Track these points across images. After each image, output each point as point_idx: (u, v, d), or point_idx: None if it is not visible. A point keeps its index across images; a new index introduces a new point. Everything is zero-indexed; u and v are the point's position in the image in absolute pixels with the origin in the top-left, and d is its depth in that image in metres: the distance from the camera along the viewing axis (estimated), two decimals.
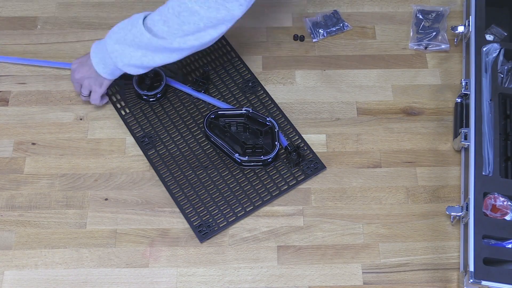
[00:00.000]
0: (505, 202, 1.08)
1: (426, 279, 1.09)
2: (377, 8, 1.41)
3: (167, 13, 1.06)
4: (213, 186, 1.17)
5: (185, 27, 1.06)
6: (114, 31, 1.11)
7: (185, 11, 1.04)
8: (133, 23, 1.09)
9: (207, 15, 1.04)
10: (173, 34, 1.07)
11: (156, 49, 1.08)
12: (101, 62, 1.14)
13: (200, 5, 1.03)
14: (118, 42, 1.10)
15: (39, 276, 1.08)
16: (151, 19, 1.08)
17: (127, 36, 1.09)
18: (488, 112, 1.17)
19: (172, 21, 1.06)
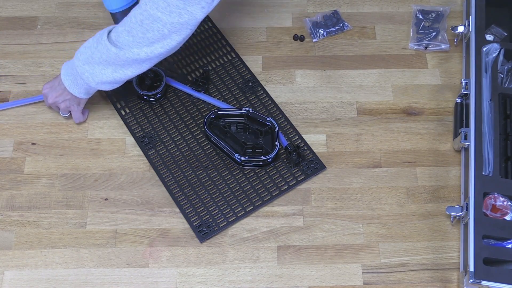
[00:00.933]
0: (505, 202, 1.08)
1: (426, 279, 1.09)
2: (377, 8, 1.41)
3: (130, 22, 1.05)
4: (213, 186, 1.17)
5: (149, 35, 1.04)
6: (81, 51, 1.10)
7: (147, 19, 1.03)
8: (98, 40, 1.08)
9: (170, 20, 1.02)
10: (138, 43, 1.05)
11: (125, 62, 1.07)
12: (73, 84, 1.13)
13: (161, 11, 1.02)
14: (87, 62, 1.09)
15: (39, 276, 1.08)
16: (115, 31, 1.07)
17: (94, 54, 1.08)
18: (488, 112, 1.17)
19: (136, 30, 1.04)
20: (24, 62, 1.32)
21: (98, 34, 1.09)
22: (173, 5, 1.01)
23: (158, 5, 1.01)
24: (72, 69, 1.12)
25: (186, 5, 1.02)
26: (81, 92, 1.14)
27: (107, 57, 1.07)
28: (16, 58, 1.32)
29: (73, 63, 1.12)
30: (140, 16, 1.03)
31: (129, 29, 1.05)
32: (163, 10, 1.02)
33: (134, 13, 1.04)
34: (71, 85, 1.13)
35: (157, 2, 1.01)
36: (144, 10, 1.03)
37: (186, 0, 1.01)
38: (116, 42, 1.06)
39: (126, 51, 1.05)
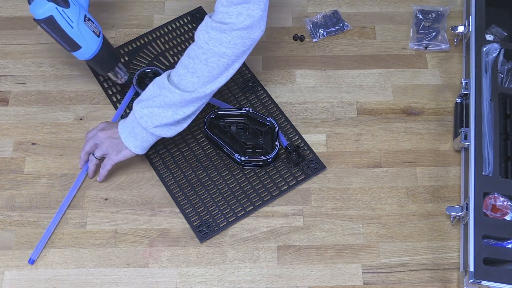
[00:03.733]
0: (505, 202, 1.08)
1: (426, 279, 1.09)
2: (377, 8, 1.41)
3: (194, 64, 1.03)
4: (213, 186, 1.17)
5: (215, 72, 1.04)
6: (141, 99, 1.07)
7: (212, 57, 1.02)
8: (159, 86, 1.05)
9: (235, 52, 1.03)
10: (203, 82, 1.04)
11: (188, 102, 1.05)
12: (130, 135, 1.08)
13: (226, 46, 1.01)
14: (147, 106, 1.05)
15: (39, 276, 1.08)
16: (177, 75, 1.05)
17: (156, 99, 1.05)
18: (488, 112, 1.17)
19: (201, 70, 1.03)
20: (24, 62, 1.32)
21: (156, 81, 1.06)
22: (237, 37, 1.01)
23: (222, 41, 1.01)
24: (130, 118, 1.08)
25: (249, 33, 1.02)
26: (136, 145, 1.09)
27: (170, 100, 1.04)
28: (16, 58, 1.32)
29: (131, 113, 1.08)
30: (204, 55, 1.02)
31: (193, 70, 1.03)
32: (228, 45, 1.01)
33: (195, 54, 1.03)
34: (128, 137, 1.09)
35: (220, 39, 1.01)
36: (207, 49, 1.01)
37: (248, 29, 1.01)
38: (179, 85, 1.04)
39: (192, 92, 1.04)
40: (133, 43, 1.34)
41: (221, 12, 1.00)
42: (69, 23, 1.09)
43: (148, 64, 1.31)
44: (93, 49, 1.14)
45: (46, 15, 1.07)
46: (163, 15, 1.39)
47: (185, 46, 1.33)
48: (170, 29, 1.36)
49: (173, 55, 1.32)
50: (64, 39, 1.11)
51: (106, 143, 1.11)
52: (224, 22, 1.00)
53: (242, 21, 1.00)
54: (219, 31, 1.00)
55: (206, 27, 1.01)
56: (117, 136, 1.10)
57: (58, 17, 1.08)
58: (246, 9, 0.99)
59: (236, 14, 0.99)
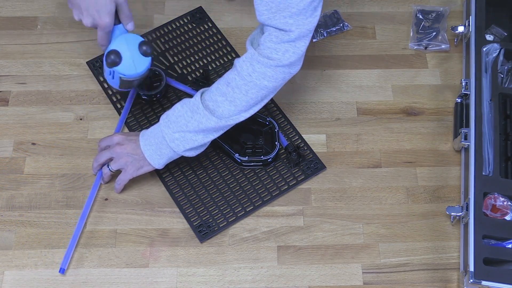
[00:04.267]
0: (505, 202, 1.08)
1: (426, 279, 1.09)
2: (377, 8, 1.41)
3: (233, 93, 1.03)
4: (213, 186, 1.17)
5: (252, 102, 1.05)
6: (171, 120, 1.05)
7: (253, 89, 1.03)
8: (192, 109, 1.05)
9: (275, 85, 1.04)
10: (239, 111, 1.05)
11: (221, 128, 1.06)
12: (156, 153, 1.07)
13: (269, 80, 1.03)
14: (179, 131, 1.05)
15: (39, 276, 1.08)
16: (213, 101, 1.04)
17: (190, 123, 1.04)
18: (488, 112, 1.17)
19: (240, 100, 1.04)
20: (24, 62, 1.32)
21: (189, 102, 1.06)
22: (280, 72, 1.03)
23: (265, 75, 1.02)
24: (157, 138, 1.07)
25: (291, 69, 1.04)
26: (160, 163, 1.08)
27: (205, 126, 1.04)
28: (16, 58, 1.32)
29: (158, 132, 1.07)
30: (245, 87, 1.03)
31: (232, 99, 1.03)
32: (270, 79, 1.03)
33: (236, 84, 1.03)
34: (153, 155, 1.08)
35: (264, 73, 1.02)
36: (250, 81, 1.02)
37: (291, 65, 1.03)
38: (215, 112, 1.04)
39: (227, 119, 1.05)
40: None
41: (269, 48, 1.01)
42: None
43: None
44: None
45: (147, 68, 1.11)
46: (163, 15, 1.39)
47: (185, 46, 1.33)
48: (170, 29, 1.36)
49: (173, 55, 1.32)
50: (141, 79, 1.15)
51: (125, 159, 1.10)
52: (271, 57, 1.01)
53: (288, 58, 1.02)
54: (265, 65, 1.01)
55: (251, 59, 1.02)
56: (138, 153, 1.09)
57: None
58: (293, 47, 1.01)
59: (283, 51, 1.01)
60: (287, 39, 1.00)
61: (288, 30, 0.99)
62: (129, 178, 1.12)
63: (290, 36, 1.00)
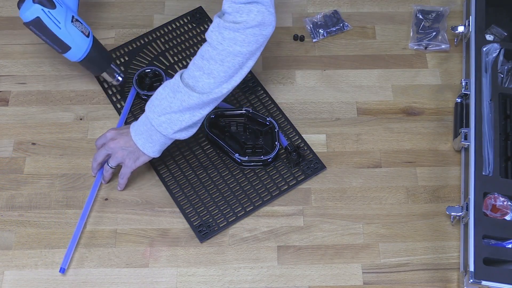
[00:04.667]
0: (505, 202, 1.08)
1: (426, 279, 1.09)
2: (377, 8, 1.41)
3: (209, 65, 1.03)
4: (213, 186, 1.17)
5: (230, 71, 1.04)
6: (154, 104, 1.05)
7: (227, 57, 1.02)
8: (173, 89, 1.04)
9: (249, 49, 1.03)
10: (219, 83, 1.04)
11: (205, 104, 1.05)
12: (147, 141, 1.07)
13: (240, 44, 1.02)
14: (164, 113, 1.04)
15: (39, 276, 1.08)
16: (191, 77, 1.04)
17: (173, 104, 1.03)
18: (488, 112, 1.17)
19: (217, 71, 1.03)
20: (24, 62, 1.32)
21: (169, 83, 1.05)
22: (250, 35, 1.02)
23: (236, 40, 1.01)
24: (145, 125, 1.07)
25: (261, 30, 1.03)
26: (155, 150, 1.08)
27: (188, 103, 1.03)
28: (16, 58, 1.32)
29: (145, 120, 1.07)
30: (219, 56, 1.02)
31: (209, 72, 1.03)
32: (242, 43, 1.02)
33: (209, 55, 1.02)
34: (145, 144, 1.07)
35: (234, 38, 1.01)
36: (222, 49, 1.01)
37: (261, 26, 1.02)
38: (195, 88, 1.04)
39: (208, 94, 1.04)
40: (133, 43, 1.34)
41: (232, 12, 1.01)
42: (56, 24, 1.11)
43: (148, 64, 1.31)
44: (83, 49, 1.16)
45: (33, 17, 1.09)
46: (163, 15, 1.39)
47: (185, 46, 1.33)
48: (170, 29, 1.36)
49: (173, 55, 1.32)
50: (53, 40, 1.13)
51: (120, 153, 1.10)
52: (236, 21, 1.00)
53: (254, 18, 1.00)
54: (233, 30, 1.01)
55: (219, 27, 1.01)
56: (131, 145, 1.09)
57: (45, 18, 1.10)
58: (255, 6, 1.00)
59: (247, 12, 1.00)
60: (246, 1, 1.00)
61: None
62: (130, 171, 1.11)
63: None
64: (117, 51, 1.32)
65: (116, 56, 1.32)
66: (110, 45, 1.34)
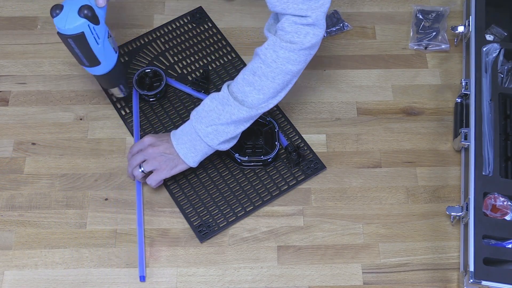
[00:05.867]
0: (505, 202, 1.08)
1: (426, 279, 1.09)
2: (377, 8, 1.41)
3: (260, 81, 1.04)
4: (213, 186, 1.17)
5: (279, 88, 1.06)
6: (202, 115, 1.06)
7: (279, 75, 1.04)
8: (221, 102, 1.05)
9: (299, 68, 1.06)
10: (268, 98, 1.06)
11: (252, 117, 1.07)
12: (190, 151, 1.08)
13: (293, 63, 1.04)
14: (211, 124, 1.05)
15: (39, 276, 1.08)
16: (241, 92, 1.05)
17: (222, 116, 1.05)
18: (488, 112, 1.17)
19: (268, 88, 1.05)
20: (24, 62, 1.32)
21: (217, 96, 1.06)
22: (302, 55, 1.04)
23: (289, 60, 1.03)
24: (190, 135, 1.07)
25: (312, 51, 1.06)
26: (195, 160, 1.09)
27: (237, 117, 1.05)
28: (16, 58, 1.32)
29: (190, 129, 1.07)
30: (271, 73, 1.04)
31: (260, 88, 1.05)
32: (294, 63, 1.04)
33: (262, 72, 1.04)
34: (187, 153, 1.08)
35: (288, 57, 1.03)
36: (275, 68, 1.03)
37: (313, 47, 1.05)
38: (244, 102, 1.06)
39: (257, 108, 1.06)
40: (133, 43, 1.34)
41: (290, 32, 1.02)
42: (96, 40, 1.06)
43: (148, 64, 1.31)
44: (111, 65, 1.13)
45: (77, 31, 1.03)
46: (163, 15, 1.39)
47: (185, 46, 1.33)
48: (170, 29, 1.36)
49: (173, 55, 1.32)
50: (87, 55, 1.08)
51: (159, 159, 1.09)
52: (293, 41, 1.03)
53: (310, 40, 1.03)
54: (288, 50, 1.03)
55: (274, 46, 1.03)
56: (172, 152, 1.09)
57: (88, 34, 1.04)
58: (312, 29, 1.03)
59: (304, 34, 1.02)
60: (305, 23, 1.02)
61: (304, 16, 1.01)
62: (164, 178, 1.11)
63: (308, 20, 1.01)
64: None
65: None
66: None
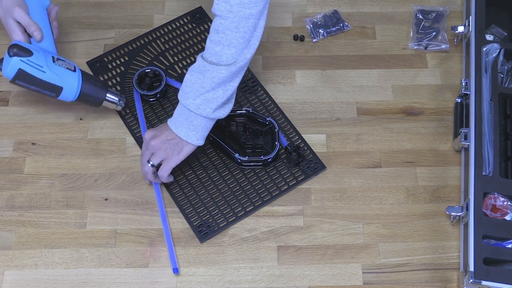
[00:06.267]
0: (505, 202, 1.08)
1: (426, 279, 1.09)
2: (377, 8, 1.41)
3: (225, 36, 1.03)
4: (213, 186, 1.17)
5: (247, 35, 1.04)
6: (186, 91, 1.05)
7: (240, 22, 1.02)
8: (200, 71, 1.05)
9: (257, 9, 1.03)
10: (241, 50, 1.04)
11: (234, 74, 1.06)
12: (190, 130, 1.07)
13: (249, 6, 1.01)
14: (198, 95, 1.04)
15: (39, 276, 1.08)
16: (213, 54, 1.04)
17: (204, 84, 1.04)
18: (488, 112, 1.17)
19: (236, 38, 1.03)
20: None
21: (193, 67, 1.06)
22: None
23: (243, 4, 1.01)
24: (183, 115, 1.06)
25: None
26: (199, 137, 1.08)
27: (218, 78, 1.03)
28: None
29: (181, 109, 1.06)
30: (233, 24, 1.02)
31: (228, 42, 1.03)
32: (250, 5, 1.02)
33: (224, 27, 1.02)
34: (188, 133, 1.07)
35: (241, 2, 1.01)
36: (233, 17, 1.01)
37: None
38: (220, 61, 1.04)
39: (235, 63, 1.04)
40: (133, 43, 1.34)
41: None
42: (39, 69, 1.10)
43: (148, 64, 1.31)
44: (75, 85, 1.14)
45: (15, 70, 1.09)
46: (163, 15, 1.39)
47: (185, 46, 1.33)
48: (170, 29, 1.36)
49: (173, 55, 1.32)
50: (43, 86, 1.12)
51: (163, 148, 1.09)
52: None
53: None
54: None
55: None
56: (173, 137, 1.08)
57: (26, 68, 1.09)
58: None
59: None
60: None
61: None
62: (174, 164, 1.10)
63: None
64: (117, 51, 1.33)
65: (116, 56, 1.32)
66: (110, 45, 1.34)
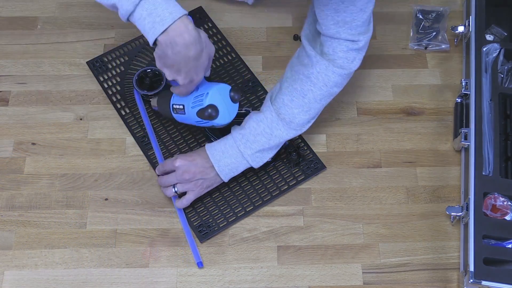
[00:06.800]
0: (505, 202, 1.08)
1: (426, 279, 1.09)
2: (377, 8, 1.39)
3: (309, 104, 1.09)
4: None
5: (322, 108, 1.12)
6: (250, 140, 1.08)
7: (327, 97, 1.11)
8: (271, 126, 1.08)
9: (340, 90, 1.12)
10: (312, 118, 1.12)
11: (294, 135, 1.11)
12: (232, 172, 1.10)
13: (338, 87, 1.10)
14: (260, 150, 1.09)
15: (39, 276, 1.08)
16: (289, 113, 1.09)
17: (271, 141, 1.08)
18: (488, 112, 1.17)
19: (314, 109, 1.10)
20: (24, 62, 1.32)
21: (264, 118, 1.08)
22: (347, 79, 1.11)
23: (337, 84, 1.10)
24: (235, 158, 1.08)
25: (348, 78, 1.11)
26: (231, 177, 1.11)
27: (285, 139, 1.10)
28: (16, 58, 1.32)
29: (236, 154, 1.08)
30: (320, 96, 1.09)
31: (307, 109, 1.09)
32: (340, 86, 1.11)
33: (313, 95, 1.09)
34: (228, 173, 1.09)
35: (336, 82, 1.09)
36: (325, 91, 1.09)
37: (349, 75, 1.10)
38: (292, 123, 1.09)
39: (301, 128, 1.11)
40: (133, 43, 1.34)
41: (341, 58, 1.07)
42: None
43: (148, 64, 1.31)
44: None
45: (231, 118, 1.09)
46: None
47: None
48: None
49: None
50: None
51: (193, 183, 1.09)
52: (344, 67, 1.08)
53: (355, 65, 1.09)
54: (339, 75, 1.08)
55: (327, 70, 1.07)
56: (207, 173, 1.09)
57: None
58: (358, 54, 1.09)
59: (352, 59, 1.08)
60: (355, 48, 1.06)
61: (357, 40, 1.06)
62: (197, 196, 1.12)
63: (359, 45, 1.06)
64: (117, 51, 1.32)
65: (116, 56, 1.32)
66: (110, 45, 1.34)
